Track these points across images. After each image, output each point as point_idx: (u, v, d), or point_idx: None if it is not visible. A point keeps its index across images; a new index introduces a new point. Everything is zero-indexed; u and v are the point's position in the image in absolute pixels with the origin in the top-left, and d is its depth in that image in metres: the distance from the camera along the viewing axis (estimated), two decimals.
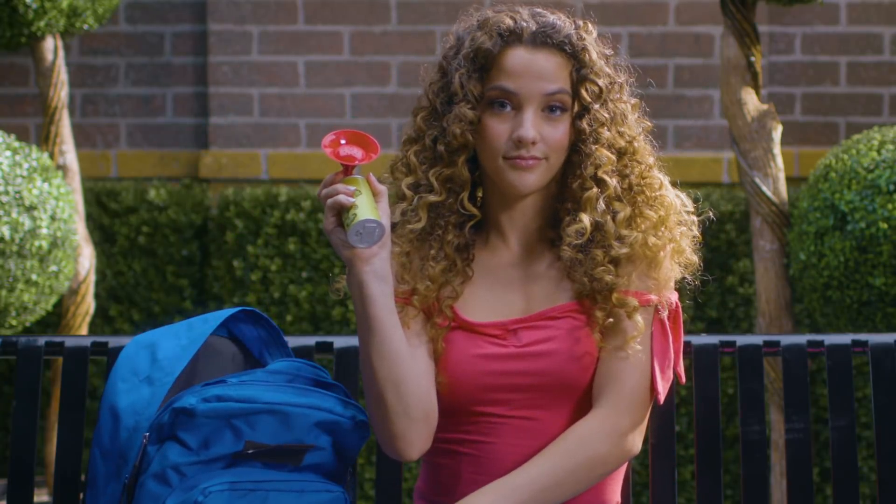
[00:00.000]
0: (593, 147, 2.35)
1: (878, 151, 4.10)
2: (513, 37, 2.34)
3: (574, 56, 2.35)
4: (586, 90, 2.35)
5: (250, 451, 2.22)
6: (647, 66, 5.21)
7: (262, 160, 5.37)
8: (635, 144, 2.39)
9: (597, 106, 2.35)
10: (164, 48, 5.47)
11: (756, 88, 4.36)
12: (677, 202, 2.41)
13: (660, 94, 5.25)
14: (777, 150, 4.33)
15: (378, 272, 2.26)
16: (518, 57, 2.34)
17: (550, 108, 2.34)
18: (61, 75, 4.70)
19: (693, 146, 5.30)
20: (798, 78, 5.41)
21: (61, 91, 4.69)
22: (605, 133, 2.35)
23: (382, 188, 2.29)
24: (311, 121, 5.38)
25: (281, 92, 5.38)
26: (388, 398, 2.29)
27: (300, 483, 2.25)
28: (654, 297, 2.36)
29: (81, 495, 2.59)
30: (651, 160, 2.41)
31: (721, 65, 4.37)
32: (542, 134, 2.33)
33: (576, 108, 2.36)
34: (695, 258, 2.41)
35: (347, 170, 2.27)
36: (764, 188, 4.31)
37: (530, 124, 2.32)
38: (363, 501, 4.78)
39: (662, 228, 2.37)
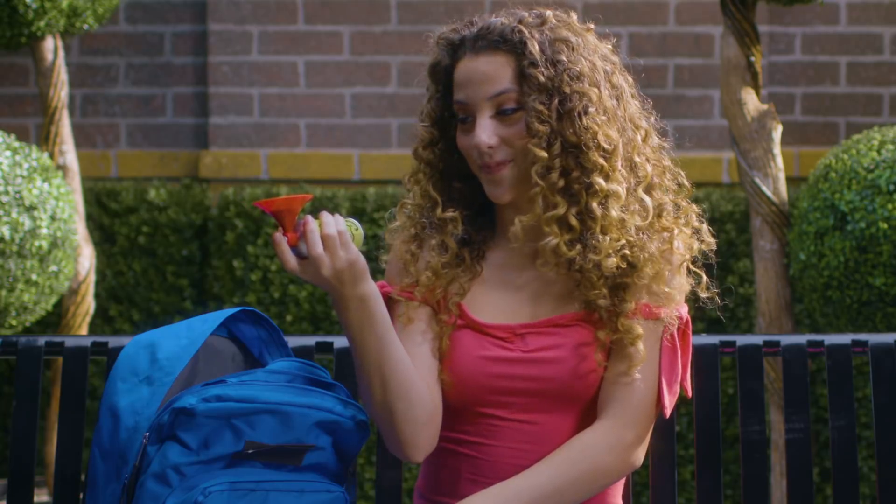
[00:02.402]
0: (554, 144, 2.27)
1: (878, 151, 4.10)
2: (460, 48, 2.33)
3: (514, 52, 2.29)
4: (529, 85, 2.28)
5: (250, 451, 2.22)
6: (647, 66, 5.21)
7: (262, 160, 5.37)
8: (599, 138, 2.28)
9: (542, 98, 2.27)
10: (164, 48, 5.47)
11: (756, 88, 4.36)
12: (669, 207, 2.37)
13: (660, 94, 5.25)
14: (777, 150, 4.33)
15: (372, 288, 2.24)
16: (464, 67, 2.32)
17: (502, 110, 2.29)
18: (61, 75, 4.70)
19: (693, 146, 5.30)
20: (798, 78, 5.41)
21: (61, 91, 4.69)
22: (557, 126, 2.27)
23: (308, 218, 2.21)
24: (311, 121, 5.38)
25: (281, 92, 5.38)
26: (399, 407, 2.28)
27: (300, 483, 2.24)
28: (663, 311, 2.34)
29: (81, 495, 2.59)
30: (647, 149, 2.35)
31: (721, 65, 4.37)
32: (501, 136, 2.29)
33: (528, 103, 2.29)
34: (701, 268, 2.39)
35: (287, 217, 2.19)
36: (764, 188, 4.31)
37: (482, 129, 2.29)
38: (363, 501, 4.77)
39: (667, 240, 2.34)
